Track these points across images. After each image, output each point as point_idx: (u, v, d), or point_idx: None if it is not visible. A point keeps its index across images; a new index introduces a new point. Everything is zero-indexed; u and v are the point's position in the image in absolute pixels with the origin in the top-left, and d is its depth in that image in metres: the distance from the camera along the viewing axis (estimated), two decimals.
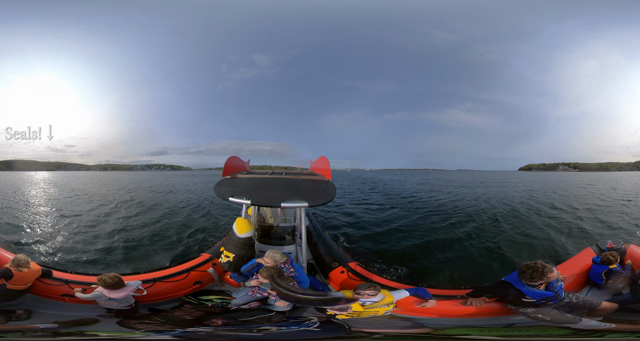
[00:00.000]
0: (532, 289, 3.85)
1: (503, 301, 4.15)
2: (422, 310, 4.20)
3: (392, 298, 4.20)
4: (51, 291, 4.39)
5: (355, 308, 4.05)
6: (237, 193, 4.75)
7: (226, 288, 5.15)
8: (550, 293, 3.88)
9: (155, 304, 4.57)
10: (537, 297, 3.86)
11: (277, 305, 4.33)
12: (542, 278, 3.76)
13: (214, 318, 4.25)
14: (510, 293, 3.94)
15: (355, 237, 9.86)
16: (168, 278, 4.75)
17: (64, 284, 4.38)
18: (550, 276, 3.78)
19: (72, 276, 4.59)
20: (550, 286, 3.90)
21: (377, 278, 4.82)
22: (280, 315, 4.23)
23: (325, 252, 5.87)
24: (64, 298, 4.32)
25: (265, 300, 4.46)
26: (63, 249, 8.26)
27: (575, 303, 4.13)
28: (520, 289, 3.87)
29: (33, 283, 4.29)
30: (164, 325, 4.03)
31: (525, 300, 3.89)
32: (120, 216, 13.27)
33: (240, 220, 4.79)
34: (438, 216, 13.45)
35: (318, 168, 6.13)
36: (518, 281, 3.90)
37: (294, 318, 4.18)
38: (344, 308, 4.06)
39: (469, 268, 7.41)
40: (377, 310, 4.12)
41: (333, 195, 4.64)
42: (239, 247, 4.61)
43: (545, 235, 9.54)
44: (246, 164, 6.88)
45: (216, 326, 4.01)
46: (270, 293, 4.32)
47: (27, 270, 4.17)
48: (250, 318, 4.23)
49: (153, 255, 7.93)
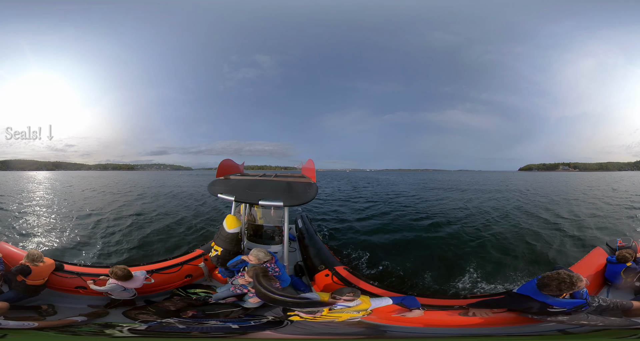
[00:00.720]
0: (558, 300, 3.56)
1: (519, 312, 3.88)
2: (402, 319, 4.02)
3: (369, 305, 4.07)
4: (65, 284, 4.45)
5: (325, 312, 3.97)
6: (225, 191, 5.26)
7: (214, 283, 5.30)
8: (582, 301, 3.62)
9: (150, 296, 4.70)
10: (567, 306, 3.58)
11: (249, 302, 4.45)
12: (572, 288, 3.47)
13: (190, 310, 4.38)
14: (532, 307, 3.65)
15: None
16: (163, 270, 4.94)
17: (77, 277, 4.46)
18: (580, 285, 3.47)
19: (82, 269, 4.68)
20: (577, 294, 3.66)
21: (362, 284, 4.74)
22: (243, 311, 4.36)
23: (314, 254, 5.94)
24: (79, 291, 4.39)
25: (242, 297, 4.59)
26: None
27: (605, 306, 3.91)
28: (545, 301, 3.57)
29: (48, 277, 4.33)
30: (154, 315, 4.13)
31: (552, 310, 3.61)
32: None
33: (230, 216, 5.06)
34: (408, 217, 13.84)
35: (307, 170, 6.31)
36: (538, 293, 3.61)
37: (252, 316, 4.26)
38: (314, 312, 4.00)
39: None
40: (339, 315, 4.01)
41: (312, 196, 4.87)
42: (227, 242, 4.89)
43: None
44: (240, 167, 7.12)
45: (185, 318, 4.12)
46: (250, 290, 4.41)
47: (42, 264, 4.21)
48: (217, 311, 4.36)
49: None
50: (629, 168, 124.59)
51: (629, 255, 4.45)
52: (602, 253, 4.93)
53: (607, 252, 4.89)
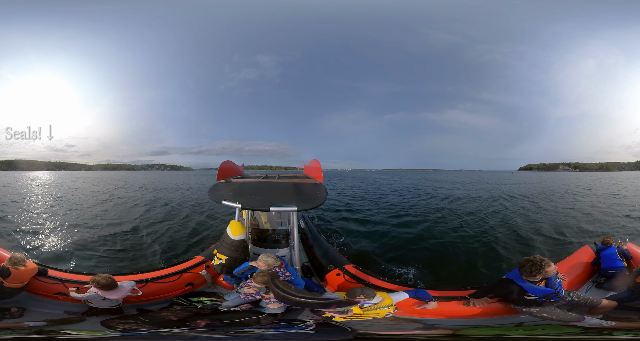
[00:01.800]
0: (533, 286, 3.93)
1: (506, 300, 4.18)
2: (424, 311, 4.16)
3: (392, 300, 4.15)
4: (46, 289, 4.43)
5: (355, 311, 3.98)
6: (229, 197, 4.85)
7: (219, 290, 5.17)
8: (550, 290, 3.95)
9: (146, 304, 4.59)
10: (538, 294, 3.93)
11: (269, 308, 4.28)
12: (541, 272, 3.84)
13: (200, 319, 4.23)
14: (513, 291, 3.99)
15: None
16: (161, 279, 4.79)
17: (59, 283, 4.42)
18: (548, 270, 3.86)
19: (67, 275, 4.63)
20: (549, 283, 3.98)
21: (374, 280, 4.79)
22: (271, 317, 4.20)
23: (321, 254, 5.91)
24: (58, 297, 4.35)
25: (257, 303, 4.43)
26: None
27: (576, 301, 4.18)
28: (522, 286, 3.94)
29: (29, 281, 4.33)
30: (146, 325, 4.03)
31: (528, 297, 3.95)
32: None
33: (234, 222, 4.86)
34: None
35: (311, 171, 6.17)
36: (519, 277, 4.00)
37: (287, 320, 4.15)
38: (343, 311, 3.98)
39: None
40: (377, 312, 4.05)
41: (324, 198, 4.66)
42: (232, 249, 4.67)
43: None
44: (240, 168, 6.94)
45: (197, 327, 3.99)
46: (264, 296, 4.29)
47: (23, 268, 4.22)
48: (238, 320, 4.22)
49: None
50: (629, 168, 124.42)
51: (610, 239, 4.86)
52: (589, 251, 5.14)
53: (594, 250, 5.04)
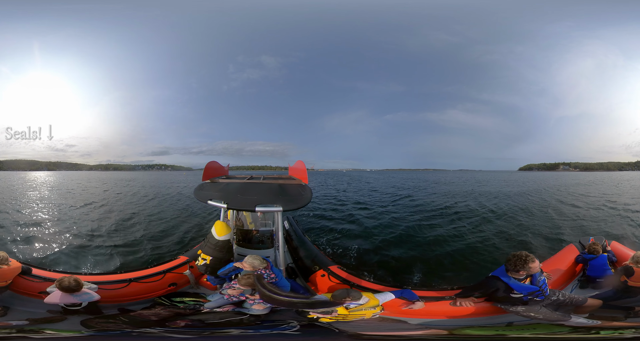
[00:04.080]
0: (518, 283, 3.94)
1: (492, 299, 4.18)
2: (411, 312, 4.17)
3: (378, 301, 4.14)
4: (30, 288, 4.44)
5: (340, 311, 3.97)
6: (215, 197, 4.86)
7: (202, 290, 5.18)
8: (535, 288, 3.95)
9: (128, 304, 4.60)
10: (523, 291, 3.93)
11: (253, 309, 4.25)
12: (524, 267, 3.84)
13: (180, 319, 4.21)
14: (499, 288, 3.99)
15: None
16: (144, 279, 4.81)
17: (43, 282, 4.43)
18: (532, 266, 3.85)
19: (51, 274, 4.64)
20: (534, 280, 3.98)
21: (359, 281, 4.80)
22: (254, 318, 4.18)
23: (305, 255, 5.91)
24: (41, 296, 4.33)
25: (240, 304, 4.40)
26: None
27: (562, 300, 4.20)
28: (507, 282, 3.95)
29: (13, 280, 4.34)
30: (126, 324, 4.03)
31: (514, 295, 3.95)
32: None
33: (219, 223, 4.86)
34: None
35: (296, 172, 6.17)
36: (505, 274, 4.02)
37: (270, 321, 4.14)
38: (329, 312, 3.98)
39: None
40: (364, 313, 4.04)
41: (309, 199, 4.67)
42: (217, 250, 4.68)
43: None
44: (226, 168, 6.97)
45: (175, 327, 3.96)
46: (248, 297, 4.28)
47: (5, 267, 4.24)
48: (219, 320, 4.21)
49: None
50: (629, 168, 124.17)
51: (598, 247, 4.83)
52: (573, 250, 5.21)
53: (579, 249, 5.07)
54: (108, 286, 4.51)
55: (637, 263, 4.32)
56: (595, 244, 4.88)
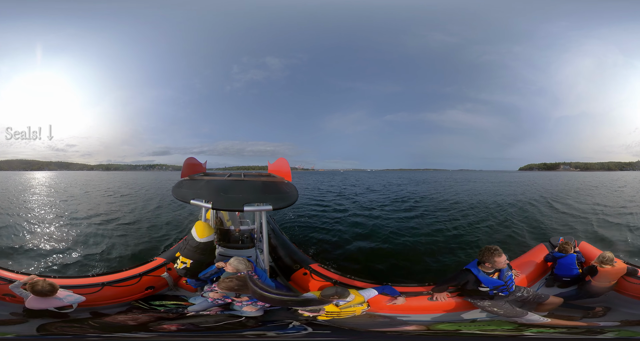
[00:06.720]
0: (486, 276, 4.15)
1: (464, 294, 4.31)
2: (395, 307, 4.21)
3: (363, 298, 4.19)
4: None
5: (329, 309, 3.97)
6: (197, 195, 4.59)
7: (181, 292, 5.07)
8: (500, 282, 4.14)
9: (100, 308, 4.41)
10: (490, 285, 4.12)
11: (245, 311, 4.11)
12: (490, 259, 4.07)
13: (167, 324, 4.06)
14: (469, 280, 4.18)
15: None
16: (118, 282, 4.64)
17: (7, 283, 4.20)
18: (497, 260, 4.06)
19: (15, 276, 4.39)
20: (501, 275, 4.17)
21: (340, 278, 4.78)
22: (253, 320, 4.03)
23: (285, 254, 5.84)
24: (5, 298, 4.23)
25: (227, 307, 4.28)
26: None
27: (526, 297, 4.33)
28: (477, 275, 4.15)
29: None
30: (95, 329, 3.88)
31: (481, 288, 4.13)
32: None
33: (200, 223, 4.66)
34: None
35: (277, 170, 6.03)
36: (475, 266, 4.24)
37: (271, 321, 4.03)
38: (317, 310, 3.98)
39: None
40: (354, 310, 4.07)
41: (296, 196, 4.61)
42: (199, 252, 4.50)
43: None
44: (203, 165, 6.75)
45: (169, 332, 3.85)
46: (235, 299, 4.20)
47: None
48: (216, 324, 4.04)
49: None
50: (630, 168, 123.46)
51: (568, 246, 4.97)
52: (543, 249, 5.35)
53: (549, 249, 5.16)
54: (79, 291, 4.27)
55: (601, 263, 4.42)
56: (566, 243, 5.00)
